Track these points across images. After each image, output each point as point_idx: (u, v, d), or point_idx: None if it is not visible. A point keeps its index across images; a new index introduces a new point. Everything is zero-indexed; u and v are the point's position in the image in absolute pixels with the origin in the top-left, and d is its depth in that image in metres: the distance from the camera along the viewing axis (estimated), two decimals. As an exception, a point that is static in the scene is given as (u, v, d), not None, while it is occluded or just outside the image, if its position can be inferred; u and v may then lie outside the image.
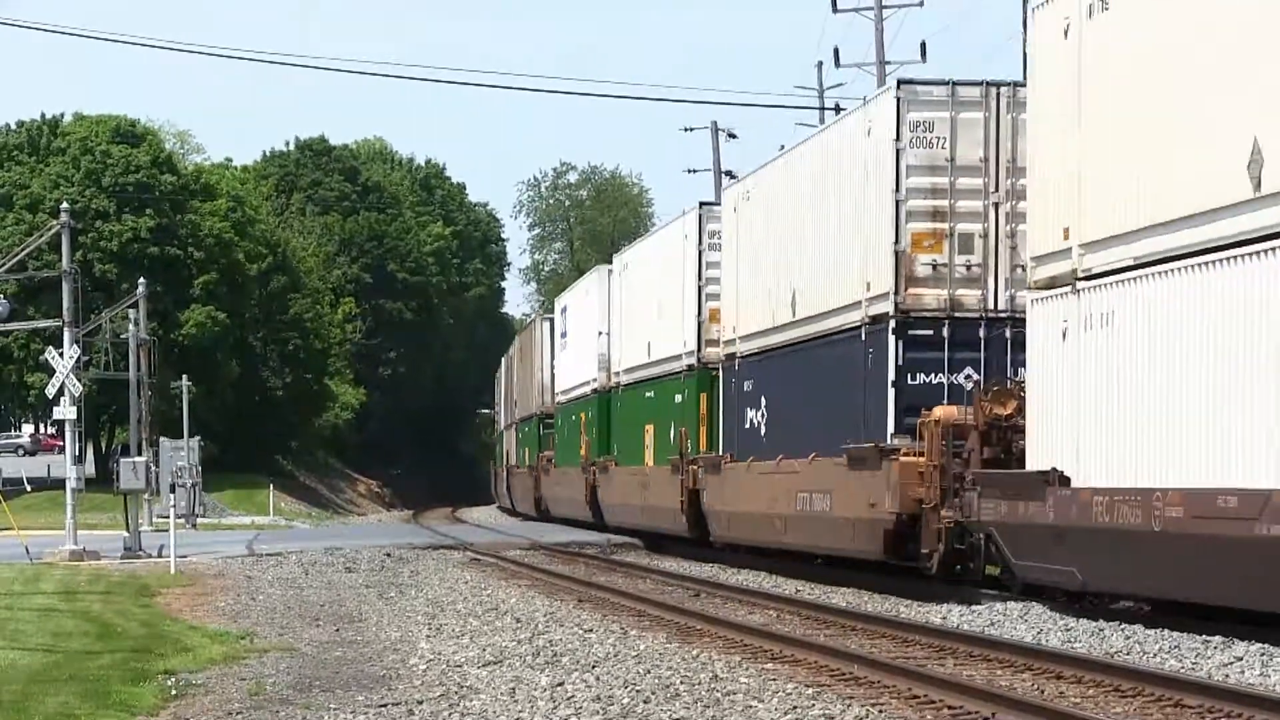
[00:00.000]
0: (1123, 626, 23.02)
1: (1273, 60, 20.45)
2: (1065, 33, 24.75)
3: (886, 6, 62.19)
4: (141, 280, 67.79)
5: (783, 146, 40.01)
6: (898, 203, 30.14)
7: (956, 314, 30.07)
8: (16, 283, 77.07)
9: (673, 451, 44.37)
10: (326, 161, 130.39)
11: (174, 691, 19.08)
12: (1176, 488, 21.76)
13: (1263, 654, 20.00)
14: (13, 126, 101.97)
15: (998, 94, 29.83)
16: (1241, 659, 19.88)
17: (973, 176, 29.86)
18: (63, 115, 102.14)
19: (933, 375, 30.15)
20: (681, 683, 18.83)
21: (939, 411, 28.69)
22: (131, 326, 62.32)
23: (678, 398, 44.75)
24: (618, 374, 52.37)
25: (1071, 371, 24.46)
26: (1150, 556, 22.48)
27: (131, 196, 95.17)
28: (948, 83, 30.05)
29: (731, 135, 78.34)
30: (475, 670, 20.33)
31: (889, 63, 62.08)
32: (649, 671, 19.79)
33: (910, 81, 30.62)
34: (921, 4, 62.72)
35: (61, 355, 45.66)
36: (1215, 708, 16.55)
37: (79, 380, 46.84)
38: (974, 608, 26.35)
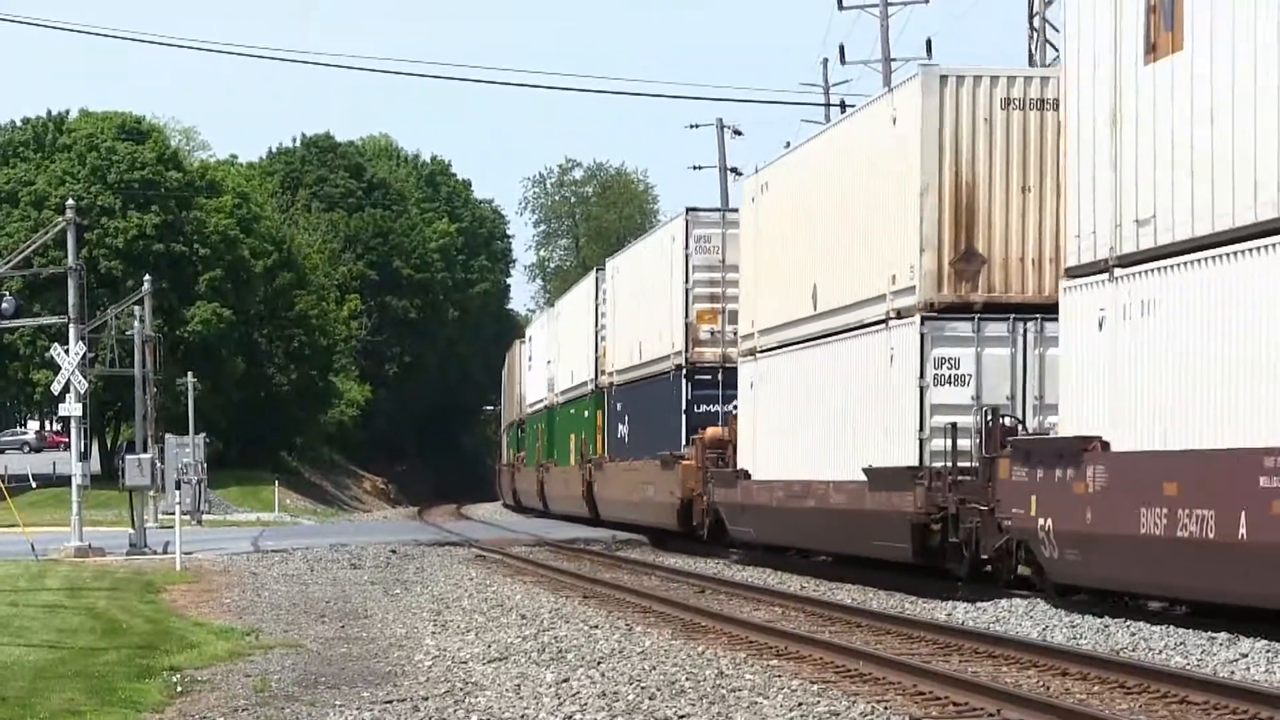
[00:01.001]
0: (1128, 623, 23.02)
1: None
2: (753, 199, 39.28)
3: (892, 3, 62.15)
4: (147, 277, 67.97)
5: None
6: (687, 290, 44.63)
7: (727, 365, 42.80)
8: (22, 279, 77.15)
9: (578, 454, 58.86)
10: (332, 158, 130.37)
11: (179, 688, 19.08)
12: (790, 479, 35.23)
13: (1268, 651, 19.99)
14: (19, 123, 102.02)
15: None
16: (1247, 655, 19.88)
17: (736, 272, 41.63)
18: (68, 112, 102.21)
19: (712, 405, 43.99)
20: (687, 679, 18.84)
21: (709, 431, 42.08)
22: (137, 323, 62.45)
23: (585, 413, 58.22)
24: (556, 394, 65.95)
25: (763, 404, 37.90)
26: (776, 519, 36.42)
27: (137, 193, 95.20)
28: (720, 210, 46.71)
29: (737, 132, 78.51)
30: (480, 666, 20.34)
31: (894, 59, 62.07)
32: (654, 668, 19.80)
33: (695, 209, 45.45)
34: (927, 1, 62.73)
35: (67, 352, 45.68)
36: (1221, 704, 16.55)
37: (84, 377, 46.85)
38: (979, 605, 26.36)
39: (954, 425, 28.23)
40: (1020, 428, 27.81)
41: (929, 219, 29.09)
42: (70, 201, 50.35)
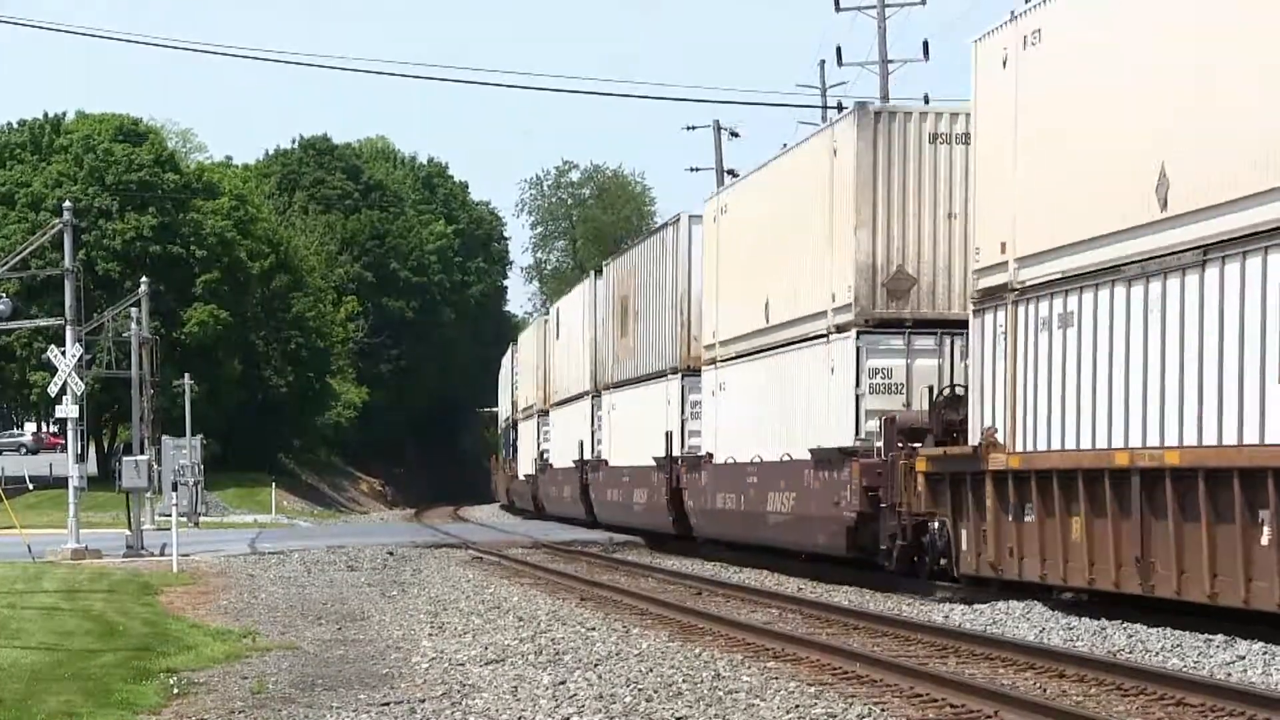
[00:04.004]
0: (1125, 625, 23.02)
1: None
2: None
3: (889, 5, 62.21)
4: (144, 279, 67.92)
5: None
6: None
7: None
8: (19, 281, 77.14)
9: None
10: (329, 160, 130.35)
11: (176, 690, 19.08)
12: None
13: (1265, 653, 19.99)
14: (15, 125, 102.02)
15: None
16: (1244, 658, 19.88)
17: None
18: (65, 114, 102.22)
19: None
20: (684, 681, 18.84)
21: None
22: (134, 325, 62.38)
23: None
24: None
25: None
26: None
27: (134, 195, 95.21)
28: None
29: (734, 134, 78.39)
30: (477, 668, 20.34)
31: (891, 61, 62.17)
32: (651, 670, 19.80)
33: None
34: (924, 2, 62.78)
35: (64, 354, 45.66)
36: (1218, 707, 16.55)
37: (81, 379, 46.84)
38: (976, 607, 26.37)
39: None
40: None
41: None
42: (67, 203, 50.33)
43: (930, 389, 30.59)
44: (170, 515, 44.45)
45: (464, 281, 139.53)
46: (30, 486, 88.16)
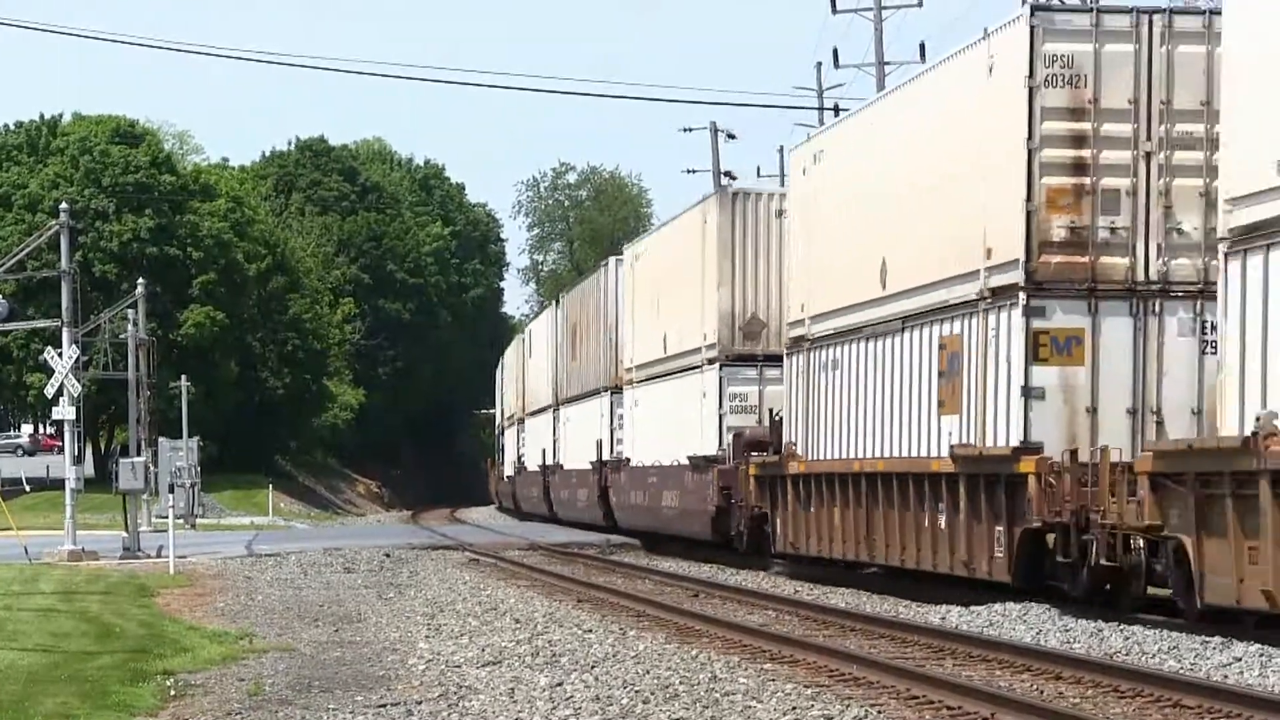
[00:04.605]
0: (1122, 627, 23.04)
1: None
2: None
3: (886, 7, 62.16)
4: (140, 280, 67.83)
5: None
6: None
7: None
8: (16, 283, 77.03)
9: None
10: (325, 162, 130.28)
11: (173, 692, 19.08)
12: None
13: (1261, 655, 20.01)
14: (11, 126, 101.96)
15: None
16: (1240, 659, 19.89)
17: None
18: (62, 115, 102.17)
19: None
20: (680, 683, 18.84)
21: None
22: (130, 327, 62.35)
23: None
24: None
25: None
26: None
27: (130, 196, 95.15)
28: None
29: (731, 136, 78.20)
30: (474, 670, 20.34)
31: (888, 63, 62.12)
32: (648, 672, 19.81)
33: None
34: (921, 4, 62.69)
35: (60, 355, 45.65)
36: (1214, 708, 16.56)
37: (78, 380, 46.83)
38: (973, 608, 26.37)
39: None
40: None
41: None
42: (64, 205, 50.30)
43: (771, 410, 38.43)
44: (167, 517, 44.43)
45: (461, 283, 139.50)
46: (27, 488, 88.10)
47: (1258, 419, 21.11)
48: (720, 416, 40.70)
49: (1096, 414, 25.75)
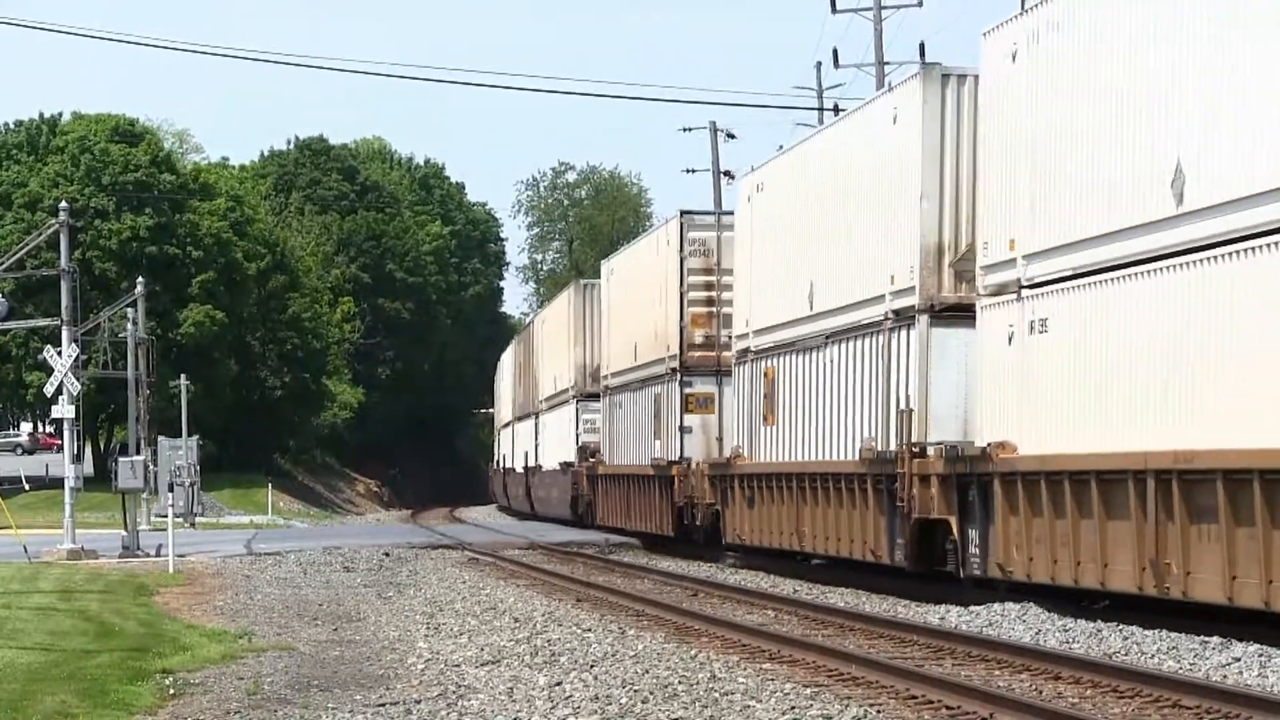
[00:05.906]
0: (1121, 627, 23.03)
1: None
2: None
3: (885, 7, 62.18)
4: (140, 279, 67.85)
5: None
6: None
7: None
8: (15, 281, 77.07)
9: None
10: (325, 161, 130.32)
11: (172, 691, 19.08)
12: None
13: (1260, 655, 20.01)
14: (11, 125, 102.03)
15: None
16: (1239, 660, 19.89)
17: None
18: (61, 114, 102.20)
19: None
20: (680, 682, 18.84)
21: None
22: (130, 325, 62.37)
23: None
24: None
25: None
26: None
27: (130, 195, 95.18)
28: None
29: (730, 135, 78.32)
30: (473, 670, 20.34)
31: (888, 63, 62.16)
32: (647, 671, 19.80)
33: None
34: (920, 4, 62.71)
35: (60, 354, 45.65)
36: (1213, 708, 16.55)
37: (77, 379, 46.82)
38: (972, 608, 26.38)
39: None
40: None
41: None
42: (63, 204, 50.32)
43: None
44: (166, 516, 44.43)
45: (460, 282, 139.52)
46: (26, 487, 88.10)
47: (732, 450, 39.94)
48: (577, 435, 58.25)
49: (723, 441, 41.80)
